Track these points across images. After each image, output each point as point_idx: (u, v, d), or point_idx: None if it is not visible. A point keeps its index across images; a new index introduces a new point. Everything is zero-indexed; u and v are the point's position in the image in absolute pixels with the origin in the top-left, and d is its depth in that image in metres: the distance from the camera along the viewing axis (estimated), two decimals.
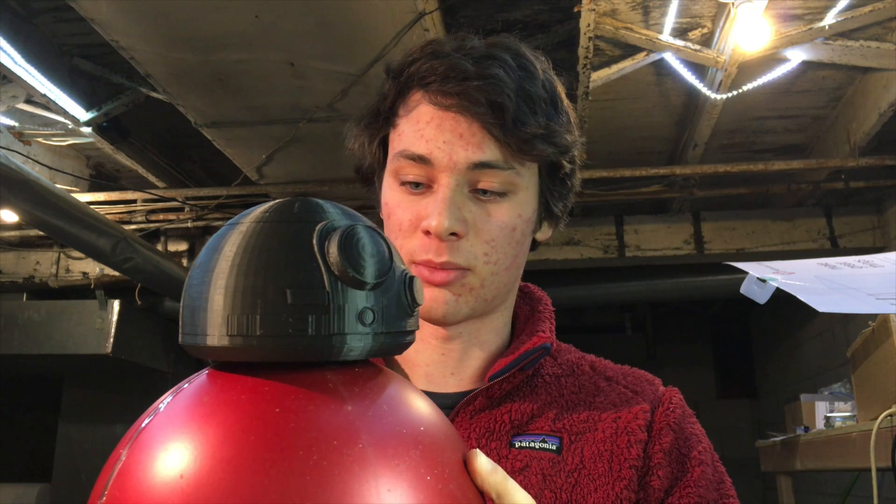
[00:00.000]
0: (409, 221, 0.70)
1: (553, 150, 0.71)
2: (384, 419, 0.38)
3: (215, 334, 0.38)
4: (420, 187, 0.70)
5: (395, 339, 0.42)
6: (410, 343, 0.44)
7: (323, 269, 0.38)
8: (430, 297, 0.69)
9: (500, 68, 0.69)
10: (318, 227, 0.39)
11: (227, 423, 0.36)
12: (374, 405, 0.39)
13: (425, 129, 0.69)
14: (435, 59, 0.70)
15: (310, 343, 0.38)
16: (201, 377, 0.40)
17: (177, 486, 0.34)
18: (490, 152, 0.68)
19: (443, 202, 0.67)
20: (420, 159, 0.68)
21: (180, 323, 0.41)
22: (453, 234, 0.68)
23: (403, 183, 0.71)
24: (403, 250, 0.70)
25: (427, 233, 0.68)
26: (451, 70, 0.68)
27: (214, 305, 0.38)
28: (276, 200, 0.42)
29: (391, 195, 0.72)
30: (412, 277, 0.42)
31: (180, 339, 0.41)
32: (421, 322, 0.74)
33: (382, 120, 0.74)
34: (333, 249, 0.38)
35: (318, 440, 0.35)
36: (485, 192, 0.70)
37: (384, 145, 0.75)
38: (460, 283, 0.69)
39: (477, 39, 0.73)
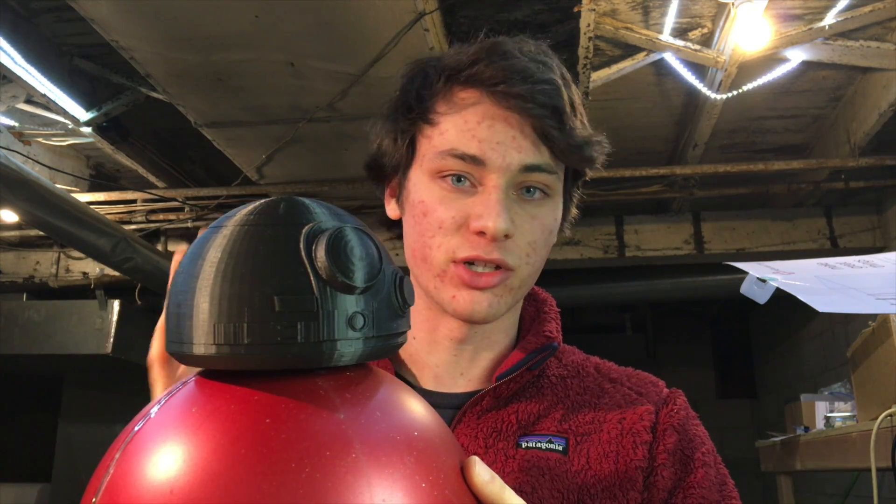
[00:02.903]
0: (453, 219, 0.68)
1: (597, 156, 0.73)
2: (377, 426, 0.37)
3: (202, 343, 0.37)
4: (462, 183, 0.69)
5: (386, 342, 0.41)
6: (402, 344, 0.43)
7: (311, 274, 0.37)
8: (471, 300, 0.69)
9: (553, 74, 0.70)
10: (304, 230, 0.38)
11: (216, 435, 0.35)
12: (367, 411, 0.38)
13: (477, 129, 0.68)
14: (504, 60, 0.70)
15: (299, 351, 0.37)
16: (190, 385, 0.40)
17: (168, 503, 0.33)
18: (541, 155, 0.69)
19: (497, 203, 0.67)
20: (472, 159, 0.68)
21: (165, 330, 0.40)
22: (505, 235, 0.68)
23: (444, 178, 0.69)
24: (442, 248, 0.69)
25: (480, 233, 0.67)
26: (517, 71, 0.69)
27: (200, 313, 0.37)
28: (261, 201, 0.41)
29: (429, 193, 0.70)
30: (402, 278, 0.42)
31: (166, 347, 0.40)
32: (435, 323, 0.74)
33: (416, 116, 0.73)
34: (321, 254, 0.37)
35: (309, 451, 0.35)
36: (530, 192, 0.70)
37: (413, 142, 0.74)
38: (503, 284, 0.70)
39: (532, 44, 0.74)
